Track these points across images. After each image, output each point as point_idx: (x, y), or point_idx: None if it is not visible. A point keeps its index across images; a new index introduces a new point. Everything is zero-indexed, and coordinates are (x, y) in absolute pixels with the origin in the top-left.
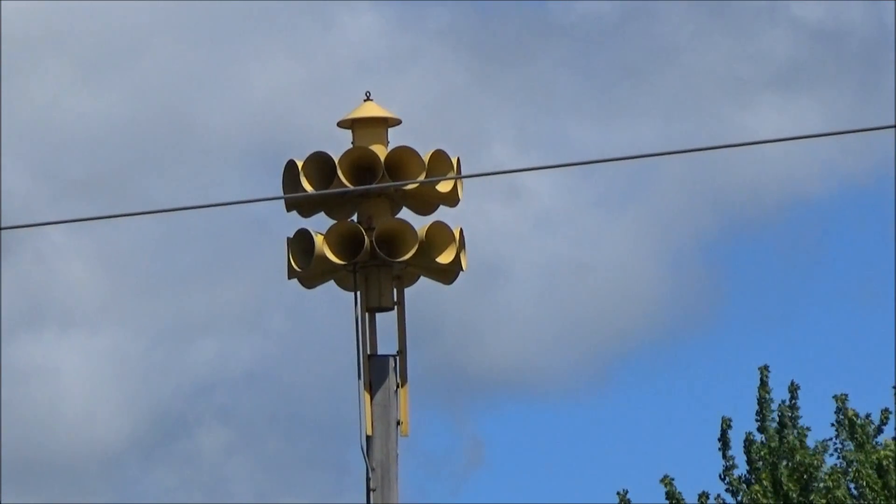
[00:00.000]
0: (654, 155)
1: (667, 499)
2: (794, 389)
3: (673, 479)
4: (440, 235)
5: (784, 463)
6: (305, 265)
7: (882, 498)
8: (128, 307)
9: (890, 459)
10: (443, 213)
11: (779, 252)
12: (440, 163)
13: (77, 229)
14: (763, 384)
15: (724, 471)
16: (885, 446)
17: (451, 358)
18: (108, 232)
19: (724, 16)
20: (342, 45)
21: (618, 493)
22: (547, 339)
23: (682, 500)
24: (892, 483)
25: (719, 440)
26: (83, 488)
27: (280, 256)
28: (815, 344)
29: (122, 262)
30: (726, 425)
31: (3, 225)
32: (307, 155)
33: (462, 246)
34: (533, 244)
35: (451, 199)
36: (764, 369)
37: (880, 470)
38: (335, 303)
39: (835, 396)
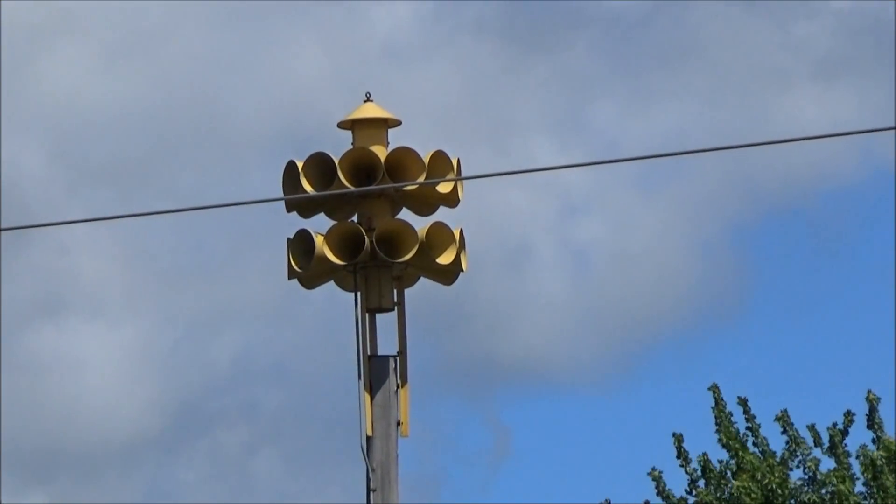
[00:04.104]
0: (666, 155)
1: (658, 494)
2: (744, 402)
3: (661, 473)
4: (440, 236)
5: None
6: (305, 266)
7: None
8: (148, 299)
9: (883, 460)
10: (443, 214)
11: (811, 240)
12: (440, 163)
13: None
14: (717, 403)
15: (689, 485)
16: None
17: (477, 348)
18: (130, 222)
19: (761, 7)
20: (372, 34)
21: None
22: (574, 327)
23: (672, 495)
24: (888, 483)
25: (677, 457)
26: (101, 481)
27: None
28: (842, 335)
29: (143, 253)
30: (678, 441)
31: (13, 221)
32: (307, 155)
33: (462, 246)
34: (560, 231)
35: (452, 199)
36: (716, 388)
37: (875, 470)
38: (335, 303)
39: (777, 417)
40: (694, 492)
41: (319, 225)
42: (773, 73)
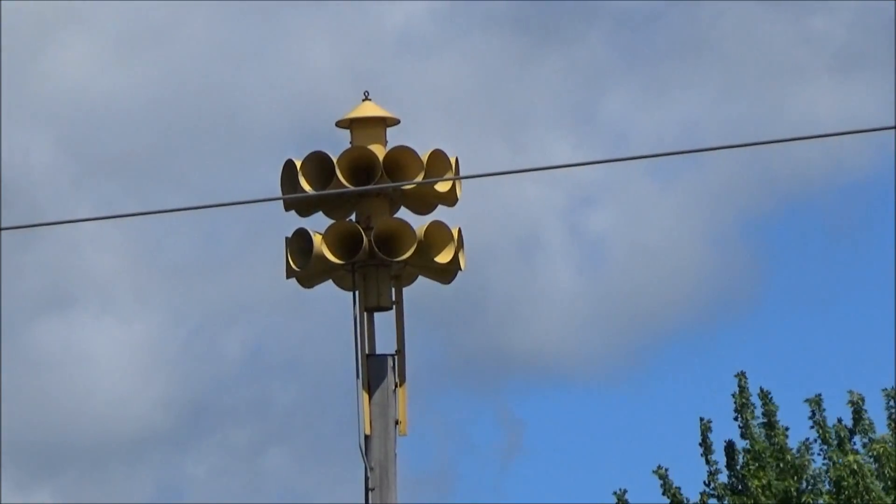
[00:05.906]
0: (678, 153)
1: (663, 493)
2: (765, 395)
3: (667, 470)
4: (439, 235)
5: (774, 465)
6: (304, 265)
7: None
8: (156, 294)
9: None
10: (441, 213)
11: (824, 232)
12: (439, 162)
13: (106, 212)
14: (742, 390)
15: (708, 476)
16: (881, 442)
17: (489, 342)
18: (138, 216)
19: (776, 2)
20: (384, 29)
21: (615, 493)
22: (587, 320)
23: (679, 494)
24: (889, 475)
25: (700, 444)
26: (109, 477)
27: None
28: (855, 327)
29: (151, 248)
30: (706, 428)
31: (21, 214)
32: (306, 154)
33: (461, 245)
34: (573, 223)
35: (450, 198)
36: (742, 376)
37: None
38: (334, 302)
39: (807, 400)
40: (712, 484)
41: (318, 224)
42: (788, 68)
